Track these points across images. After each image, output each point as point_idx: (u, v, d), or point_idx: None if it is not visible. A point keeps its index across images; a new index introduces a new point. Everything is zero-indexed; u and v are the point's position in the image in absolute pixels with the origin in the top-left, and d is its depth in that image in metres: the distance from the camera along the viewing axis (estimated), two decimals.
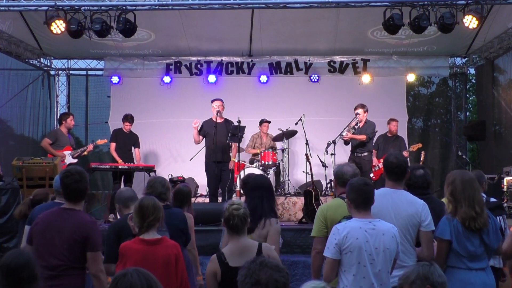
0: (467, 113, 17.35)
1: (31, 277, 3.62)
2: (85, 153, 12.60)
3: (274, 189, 13.60)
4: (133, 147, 13.19)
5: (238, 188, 11.64)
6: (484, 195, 6.63)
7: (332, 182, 5.89)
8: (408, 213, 5.09)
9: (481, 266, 5.00)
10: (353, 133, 11.91)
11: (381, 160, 12.38)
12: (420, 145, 13.20)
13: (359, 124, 12.00)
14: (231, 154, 11.84)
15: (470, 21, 10.60)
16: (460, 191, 5.04)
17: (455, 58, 16.17)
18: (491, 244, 5.02)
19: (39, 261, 4.94)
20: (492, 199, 6.80)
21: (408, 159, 13.62)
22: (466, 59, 16.19)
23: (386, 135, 13.12)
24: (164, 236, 5.01)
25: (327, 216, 5.48)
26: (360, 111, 12.10)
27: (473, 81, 18.66)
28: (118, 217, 6.34)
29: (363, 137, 11.90)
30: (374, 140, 12.67)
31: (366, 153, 12.01)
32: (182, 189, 6.95)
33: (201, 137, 11.65)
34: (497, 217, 6.36)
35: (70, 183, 5.12)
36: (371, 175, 12.44)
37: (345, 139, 11.90)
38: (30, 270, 3.62)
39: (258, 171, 12.55)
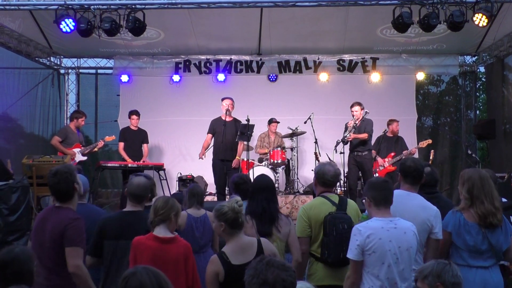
0: (477, 112, 17.25)
1: (15, 275, 3.60)
2: (96, 149, 12.64)
3: (284, 187, 13.68)
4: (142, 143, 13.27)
5: None
6: None
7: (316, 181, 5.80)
8: (421, 218, 5.03)
9: (483, 264, 4.96)
10: (354, 133, 11.86)
11: (386, 160, 12.35)
12: (430, 141, 13.07)
13: (357, 122, 11.94)
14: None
15: (480, 19, 10.54)
16: (479, 187, 5.01)
17: (465, 56, 16.09)
18: (498, 245, 4.98)
19: (37, 261, 4.98)
20: (503, 199, 6.75)
21: (417, 156, 13.71)
22: (476, 57, 16.10)
23: (386, 135, 12.95)
24: (177, 235, 5.02)
25: (311, 216, 5.46)
26: (357, 108, 12.01)
27: (483, 79, 18.61)
28: None
29: (364, 135, 11.82)
30: (375, 140, 12.64)
31: (366, 152, 11.90)
32: (196, 189, 6.96)
33: (210, 135, 11.75)
34: (510, 217, 6.34)
35: (51, 184, 5.13)
36: (376, 174, 12.38)
37: (350, 140, 11.81)
38: (15, 268, 3.61)
39: (267, 170, 12.55)
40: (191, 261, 4.94)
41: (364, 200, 4.81)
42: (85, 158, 12.22)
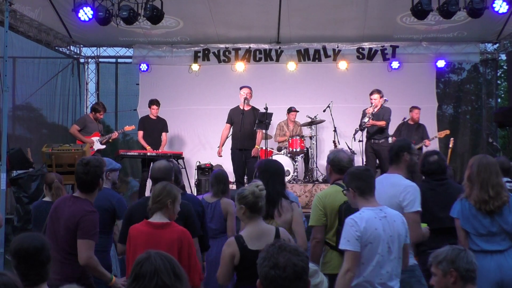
0: (498, 100, 17.11)
1: (48, 258, 3.70)
2: (110, 140, 12.71)
3: (303, 175, 13.63)
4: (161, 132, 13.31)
5: None
6: None
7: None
8: (388, 194, 5.03)
9: (498, 248, 4.93)
10: (372, 120, 11.81)
11: None
12: (447, 131, 13.00)
13: (375, 110, 11.88)
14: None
15: (500, 6, 10.44)
16: (475, 174, 5.04)
17: (486, 44, 15.88)
18: (509, 226, 4.95)
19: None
20: None
21: (438, 146, 13.64)
22: (497, 45, 15.90)
23: (408, 123, 12.90)
24: (172, 221, 5.00)
25: (326, 204, 5.40)
26: (376, 96, 11.98)
27: (504, 67, 18.41)
28: None
29: (382, 123, 11.81)
30: (395, 127, 12.59)
31: (383, 140, 11.91)
32: (221, 173, 7.05)
33: (228, 125, 11.76)
34: None
35: (79, 171, 5.18)
36: None
37: (368, 126, 11.78)
38: (47, 251, 3.70)
39: (285, 159, 12.54)
40: (187, 246, 4.88)
41: (345, 191, 4.77)
42: (103, 146, 12.31)
